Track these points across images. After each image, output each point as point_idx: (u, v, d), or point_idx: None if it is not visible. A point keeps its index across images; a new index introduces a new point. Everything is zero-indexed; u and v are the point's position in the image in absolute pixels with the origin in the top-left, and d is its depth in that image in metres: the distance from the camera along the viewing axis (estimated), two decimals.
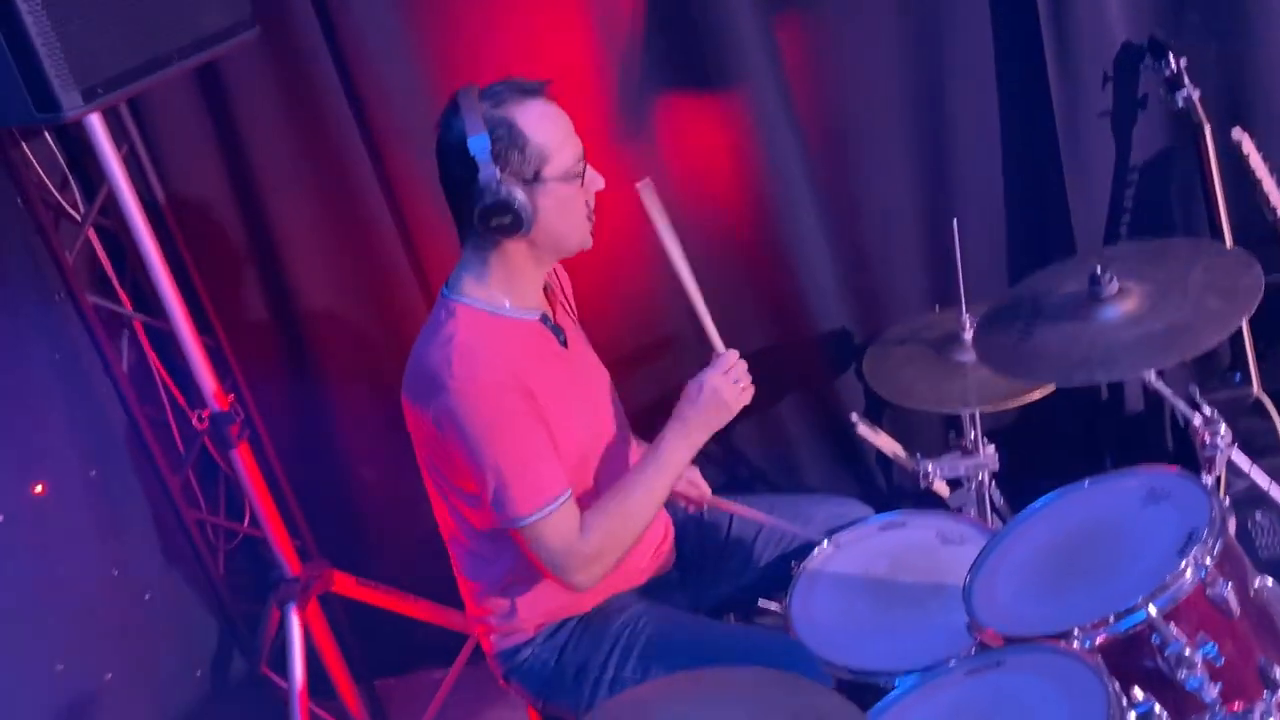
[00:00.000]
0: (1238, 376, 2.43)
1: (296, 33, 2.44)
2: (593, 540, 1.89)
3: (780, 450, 2.91)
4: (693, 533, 2.27)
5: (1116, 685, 1.35)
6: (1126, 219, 2.58)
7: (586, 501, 1.96)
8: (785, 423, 2.87)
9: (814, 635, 2.00)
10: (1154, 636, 1.45)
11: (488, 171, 1.76)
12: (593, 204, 1.89)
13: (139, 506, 2.54)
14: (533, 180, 1.81)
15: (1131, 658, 1.47)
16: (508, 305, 1.92)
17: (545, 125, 1.81)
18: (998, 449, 2.43)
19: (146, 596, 2.51)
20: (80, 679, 2.27)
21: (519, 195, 1.79)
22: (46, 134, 2.43)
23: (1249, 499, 2.27)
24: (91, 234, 2.53)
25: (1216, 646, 1.45)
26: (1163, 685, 1.46)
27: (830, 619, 2.03)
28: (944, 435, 2.72)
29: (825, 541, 2.16)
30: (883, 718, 1.49)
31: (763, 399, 2.83)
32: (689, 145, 2.60)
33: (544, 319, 1.98)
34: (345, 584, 2.67)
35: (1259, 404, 2.40)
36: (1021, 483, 2.66)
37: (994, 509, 2.59)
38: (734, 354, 1.99)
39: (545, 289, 2.02)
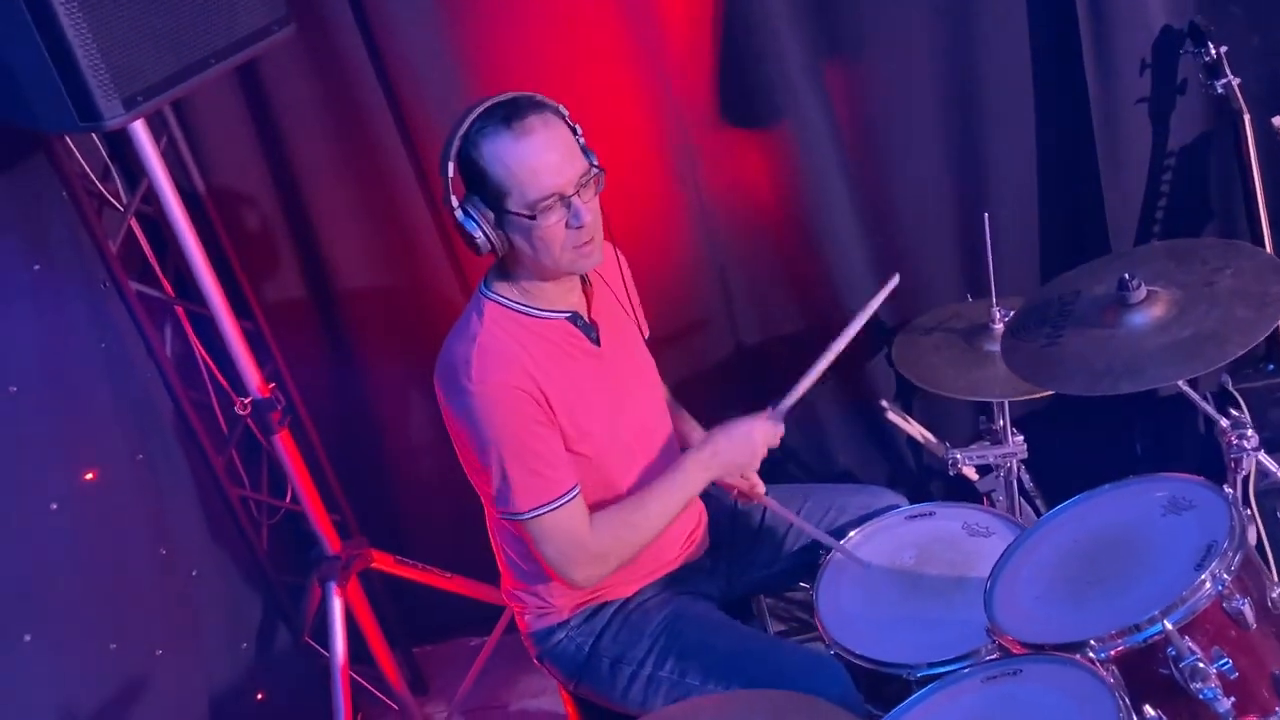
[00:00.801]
0: (1271, 366, 2.42)
1: (331, 24, 2.46)
2: (600, 541, 1.96)
3: (813, 433, 2.94)
4: (726, 521, 2.32)
5: (1128, 702, 1.38)
6: (1164, 204, 2.56)
7: (605, 497, 2.02)
8: (818, 406, 2.90)
9: (839, 626, 2.05)
10: (1169, 649, 1.48)
11: (451, 198, 1.86)
12: (585, 235, 1.88)
13: (185, 487, 2.60)
14: (496, 210, 1.86)
15: (1147, 668, 1.51)
16: (535, 304, 1.97)
17: (508, 159, 1.82)
18: (1029, 433, 2.45)
19: (194, 573, 2.59)
20: (133, 656, 2.35)
21: (482, 224, 1.86)
22: None
23: (1277, 490, 2.27)
24: (133, 223, 2.58)
25: (1231, 660, 1.47)
26: (1177, 696, 1.49)
27: (855, 609, 2.08)
28: (974, 420, 2.73)
29: (853, 532, 2.20)
30: None
31: (795, 383, 2.88)
32: (728, 139, 2.61)
33: (574, 318, 2.01)
34: (384, 561, 2.75)
35: None
36: (1053, 466, 2.69)
37: (1024, 494, 2.61)
38: (783, 427, 2.08)
39: (585, 285, 2.05)
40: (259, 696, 2.75)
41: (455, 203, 1.87)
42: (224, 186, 2.69)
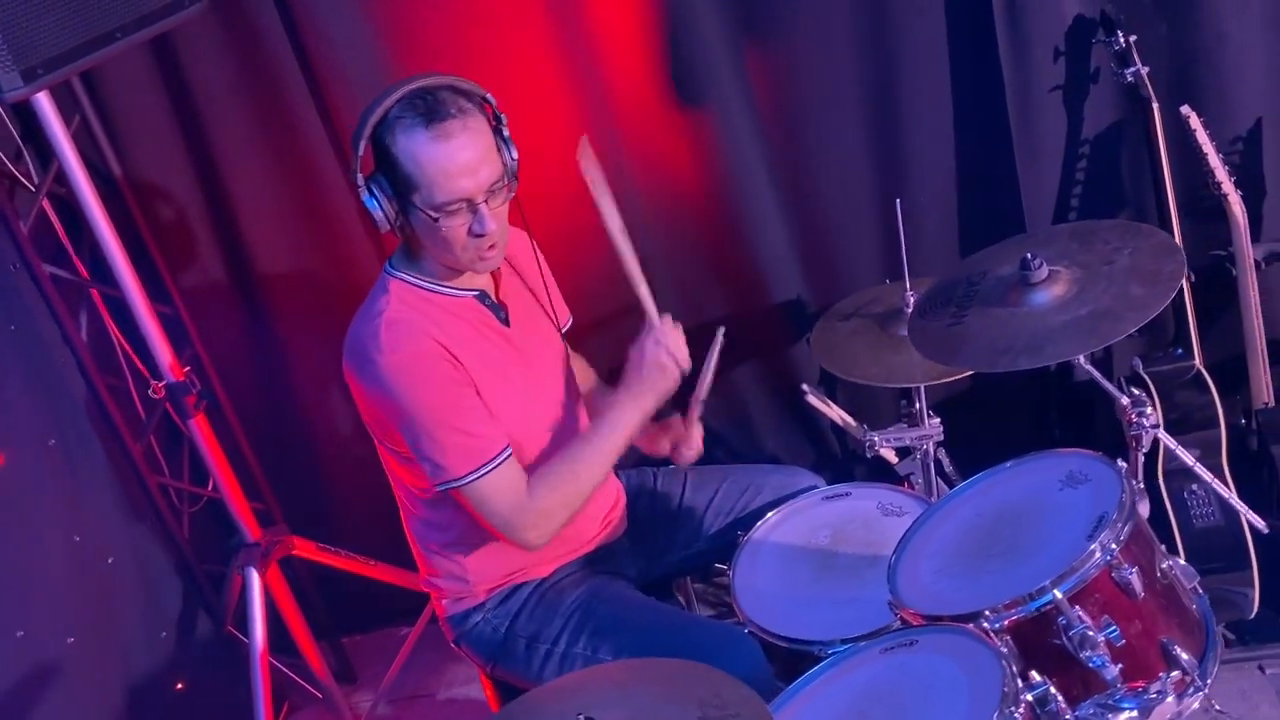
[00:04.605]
0: (1179, 350, 2.47)
1: (249, 5, 2.44)
2: (541, 497, 1.94)
3: (738, 418, 2.96)
4: (645, 501, 2.32)
5: (1014, 669, 1.40)
6: (1079, 192, 2.60)
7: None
8: (743, 391, 2.92)
9: (754, 604, 2.06)
10: (1060, 618, 1.50)
11: (358, 175, 1.84)
12: (487, 242, 1.87)
13: (100, 474, 2.56)
14: (401, 199, 1.85)
15: (1040, 637, 1.53)
16: (441, 282, 1.96)
17: (421, 158, 1.80)
18: (950, 417, 2.48)
19: (109, 561, 2.54)
20: (41, 644, 2.31)
21: (383, 205, 1.84)
22: None
23: (1187, 470, 2.31)
24: (46, 204, 2.53)
25: (1119, 628, 1.50)
26: (1069, 664, 1.52)
27: (771, 588, 2.09)
28: (897, 403, 2.77)
29: (770, 513, 2.21)
30: (799, 696, 1.54)
31: (721, 368, 2.89)
32: (649, 124, 2.61)
33: (481, 296, 2.01)
34: (305, 548, 2.73)
35: (1199, 377, 2.44)
36: (973, 449, 2.72)
37: (943, 475, 2.65)
38: (666, 320, 2.04)
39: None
40: (179, 686, 2.71)
41: (361, 180, 1.85)
42: (140, 169, 2.65)
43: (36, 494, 2.36)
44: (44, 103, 2.14)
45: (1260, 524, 2.02)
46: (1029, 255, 1.81)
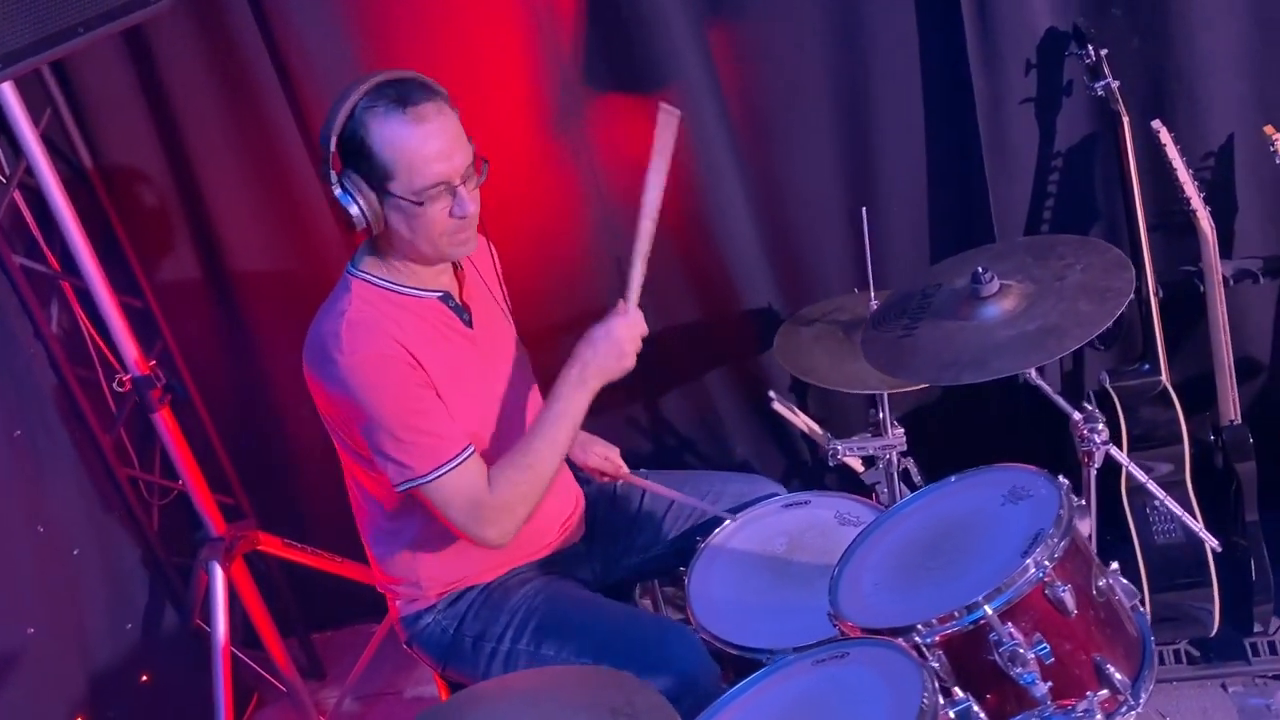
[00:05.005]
0: (1147, 365, 2.46)
1: (222, 1, 2.45)
2: (499, 494, 1.93)
3: (708, 423, 2.95)
4: (603, 506, 2.32)
5: (935, 683, 1.40)
6: (1050, 204, 2.59)
7: None
8: (713, 397, 2.91)
9: (708, 611, 2.06)
10: (992, 634, 1.50)
11: (329, 170, 1.83)
12: (466, 225, 1.87)
13: (68, 466, 2.57)
14: (378, 190, 1.84)
15: (973, 653, 1.53)
16: (406, 283, 1.96)
17: (399, 143, 1.80)
18: (923, 424, 2.48)
19: (75, 552, 2.56)
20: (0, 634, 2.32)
21: (359, 199, 1.83)
22: None
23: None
24: (18, 195, 2.54)
25: (1050, 646, 1.50)
26: (1000, 680, 1.51)
27: (725, 595, 2.09)
28: (866, 411, 2.76)
29: (729, 519, 2.21)
30: (730, 707, 1.54)
31: (692, 373, 2.90)
32: (620, 126, 2.60)
33: (445, 298, 2.01)
34: (271, 544, 2.74)
35: (1165, 393, 2.44)
36: (946, 458, 2.71)
37: (910, 485, 2.64)
38: (640, 314, 2.01)
39: (456, 268, 2.04)
40: (144, 678, 2.73)
41: (334, 177, 1.85)
42: (114, 163, 2.66)
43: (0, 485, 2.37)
44: (9, 95, 2.14)
45: (1213, 542, 2.01)
46: (980, 269, 1.81)
